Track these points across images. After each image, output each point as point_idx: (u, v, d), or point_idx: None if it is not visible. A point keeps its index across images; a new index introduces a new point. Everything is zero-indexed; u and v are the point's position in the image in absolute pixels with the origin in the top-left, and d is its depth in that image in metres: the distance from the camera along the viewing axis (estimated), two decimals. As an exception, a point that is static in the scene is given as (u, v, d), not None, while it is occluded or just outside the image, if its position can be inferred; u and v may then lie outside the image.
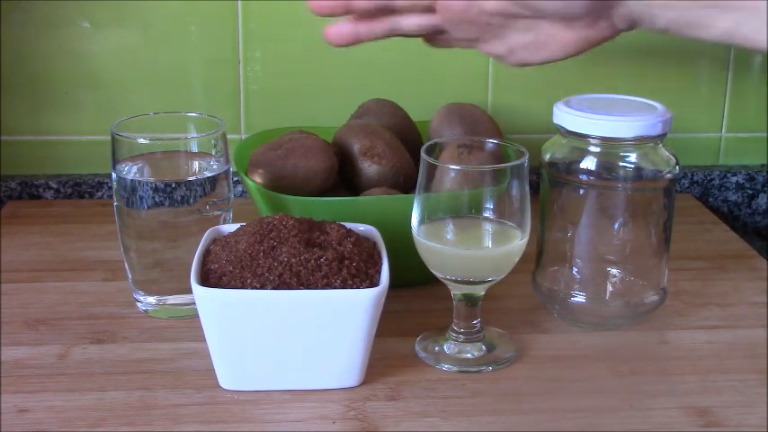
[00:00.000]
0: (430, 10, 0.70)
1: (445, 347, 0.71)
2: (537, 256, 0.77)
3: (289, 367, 0.65)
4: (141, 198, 0.73)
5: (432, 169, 0.67)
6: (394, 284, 0.65)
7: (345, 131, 0.84)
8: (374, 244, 0.69)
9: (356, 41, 0.74)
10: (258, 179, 0.78)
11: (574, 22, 0.67)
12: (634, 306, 0.75)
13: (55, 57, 0.99)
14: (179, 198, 0.73)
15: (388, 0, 0.70)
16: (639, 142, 0.71)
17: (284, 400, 0.65)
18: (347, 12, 0.72)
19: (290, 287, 0.62)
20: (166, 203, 0.73)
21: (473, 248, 0.68)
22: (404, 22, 0.73)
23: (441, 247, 0.67)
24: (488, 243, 0.68)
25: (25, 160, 1.02)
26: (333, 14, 0.73)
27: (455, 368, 0.69)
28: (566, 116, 0.72)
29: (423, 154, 0.68)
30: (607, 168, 0.71)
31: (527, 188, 0.67)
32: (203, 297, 0.62)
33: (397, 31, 0.73)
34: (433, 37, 0.74)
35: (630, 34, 0.69)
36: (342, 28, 0.73)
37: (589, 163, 0.72)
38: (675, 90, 1.06)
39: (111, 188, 0.98)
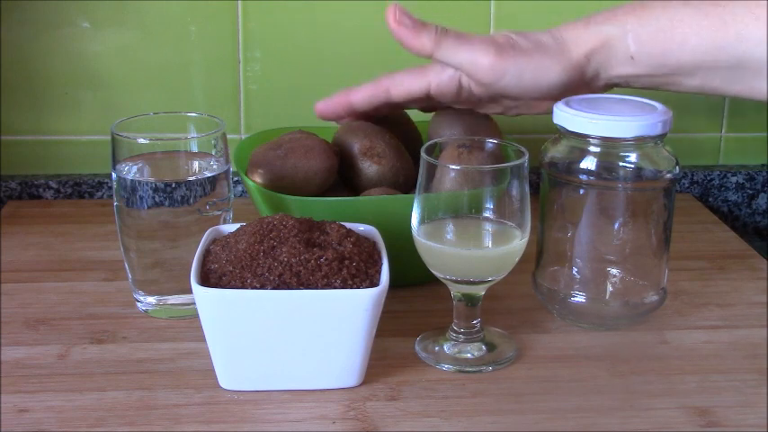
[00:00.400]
0: (425, 98, 0.81)
1: (445, 347, 0.71)
2: (537, 256, 0.77)
3: (289, 367, 0.65)
4: (141, 198, 0.73)
5: (432, 169, 0.67)
6: (394, 284, 0.65)
7: (345, 131, 0.84)
8: (374, 244, 0.69)
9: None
10: (258, 179, 0.78)
11: (555, 98, 0.76)
12: (634, 306, 0.75)
13: (55, 57, 0.99)
14: (179, 198, 0.73)
15: (386, 97, 0.81)
16: (639, 142, 0.71)
17: (284, 400, 0.65)
18: (350, 111, 0.82)
19: (289, 287, 0.62)
20: (166, 203, 0.73)
21: (473, 248, 0.68)
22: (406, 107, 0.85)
23: (441, 247, 0.67)
24: (488, 243, 0.68)
25: (25, 160, 1.02)
26: (338, 118, 0.83)
27: (455, 368, 0.69)
28: (566, 116, 0.72)
29: (423, 154, 0.68)
30: (607, 168, 0.71)
31: (527, 188, 0.67)
32: (203, 297, 0.62)
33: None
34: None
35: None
36: (344, 117, 0.84)
37: (589, 163, 0.72)
38: (675, 90, 1.06)
39: (111, 188, 0.99)
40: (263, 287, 0.63)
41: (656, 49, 0.72)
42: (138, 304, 0.77)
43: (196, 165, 0.74)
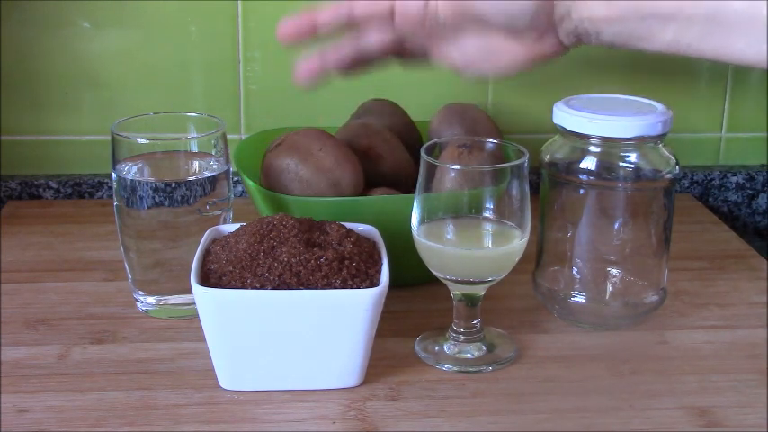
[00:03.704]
0: (388, 21, 0.73)
1: (445, 347, 0.71)
2: (537, 256, 0.77)
3: (289, 367, 0.65)
4: (141, 198, 0.73)
5: (432, 169, 0.67)
6: (394, 284, 0.65)
7: (345, 131, 0.84)
8: (374, 244, 0.69)
9: (324, 73, 0.76)
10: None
11: (521, 35, 0.70)
12: (634, 306, 0.75)
13: (55, 57, 0.99)
14: (179, 198, 0.73)
15: (349, 12, 0.74)
16: (639, 142, 0.71)
17: (284, 400, 0.65)
18: (313, 31, 0.75)
19: (289, 287, 0.62)
20: (166, 203, 0.73)
21: (473, 248, 0.68)
22: (365, 40, 0.75)
23: (441, 247, 0.67)
24: (488, 243, 0.68)
25: (25, 160, 1.02)
26: (300, 37, 0.75)
27: (455, 368, 0.69)
28: (566, 116, 0.72)
29: (423, 154, 0.68)
30: (607, 168, 0.71)
31: (527, 188, 0.67)
32: (203, 297, 0.62)
33: (362, 51, 0.76)
34: (400, 52, 0.76)
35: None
36: (309, 64, 0.76)
37: (589, 163, 0.72)
38: (675, 90, 1.06)
39: (111, 188, 0.98)
40: (263, 287, 0.63)
41: None
42: (138, 304, 0.77)
43: (196, 165, 0.74)
